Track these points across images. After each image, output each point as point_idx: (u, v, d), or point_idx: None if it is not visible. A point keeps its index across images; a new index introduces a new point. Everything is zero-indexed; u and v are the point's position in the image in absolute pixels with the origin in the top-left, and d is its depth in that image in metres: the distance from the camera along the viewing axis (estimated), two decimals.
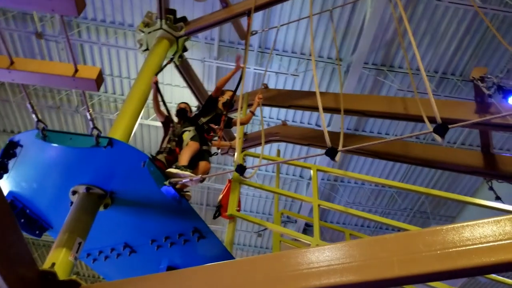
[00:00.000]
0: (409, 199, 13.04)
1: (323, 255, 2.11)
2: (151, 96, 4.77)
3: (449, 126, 2.35)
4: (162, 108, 4.83)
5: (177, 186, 3.63)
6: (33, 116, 2.95)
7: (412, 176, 12.25)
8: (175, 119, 4.89)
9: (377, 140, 3.75)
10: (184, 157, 4.06)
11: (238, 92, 5.08)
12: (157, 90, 4.73)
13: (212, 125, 4.66)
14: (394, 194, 12.89)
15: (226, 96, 4.94)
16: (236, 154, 3.44)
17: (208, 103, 4.85)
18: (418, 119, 3.41)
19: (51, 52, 10.51)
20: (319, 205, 3.73)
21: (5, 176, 3.52)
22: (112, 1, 9.61)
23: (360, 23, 9.30)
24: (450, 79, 10.09)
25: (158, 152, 4.48)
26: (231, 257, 3.92)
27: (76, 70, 2.41)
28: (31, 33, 10.01)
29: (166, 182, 3.37)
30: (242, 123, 5.13)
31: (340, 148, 2.77)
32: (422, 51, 9.66)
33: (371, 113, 4.99)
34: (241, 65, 4.70)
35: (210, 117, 4.69)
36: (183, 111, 5.00)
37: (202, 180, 3.71)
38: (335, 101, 5.33)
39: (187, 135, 4.42)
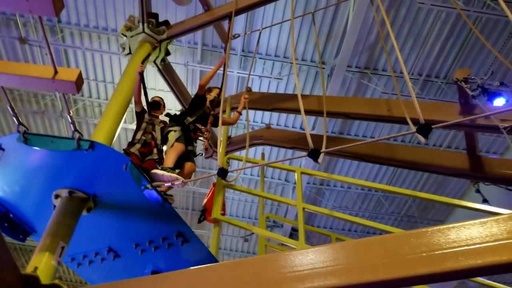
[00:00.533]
0: (396, 203, 13.16)
1: (306, 258, 2.10)
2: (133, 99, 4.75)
3: (433, 126, 2.39)
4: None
5: (161, 189, 3.60)
6: (14, 119, 2.90)
7: (398, 179, 12.38)
8: (150, 111, 4.86)
9: (360, 142, 3.78)
10: (170, 158, 4.02)
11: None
12: (141, 80, 4.68)
13: (199, 125, 4.57)
14: (381, 198, 13.00)
15: (214, 94, 4.84)
16: (218, 157, 3.43)
17: (195, 101, 4.74)
18: (402, 120, 3.45)
19: (35, 57, 10.37)
20: (304, 209, 3.74)
21: None
22: (95, 6, 9.54)
23: (343, 26, 9.41)
24: (434, 82, 10.25)
25: (131, 144, 4.42)
26: (216, 262, 3.90)
27: (56, 72, 2.38)
28: (15, 38, 9.87)
29: (149, 185, 3.34)
30: (229, 124, 5.09)
31: (323, 149, 2.79)
32: (406, 54, 9.80)
33: (355, 115, 5.03)
34: (224, 58, 4.65)
35: (197, 116, 4.59)
36: (156, 103, 4.98)
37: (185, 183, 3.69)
38: (318, 103, 5.37)
39: (172, 135, 4.34)
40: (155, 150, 4.54)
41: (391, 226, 3.72)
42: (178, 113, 4.85)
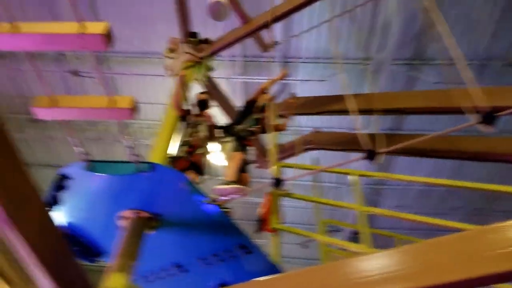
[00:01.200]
0: (462, 196, 12.43)
1: (374, 263, 2.04)
2: None
3: (497, 114, 2.25)
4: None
5: (219, 202, 3.65)
6: (77, 148, 3.08)
7: (461, 172, 11.63)
8: (195, 110, 4.92)
9: (418, 137, 3.63)
10: (230, 171, 4.03)
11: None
12: (182, 84, 4.76)
13: (252, 129, 4.59)
14: (444, 192, 12.35)
15: (263, 100, 4.84)
16: (271, 166, 3.43)
17: (244, 109, 4.76)
18: (461, 110, 3.27)
19: (88, 87, 10.98)
20: (364, 212, 3.63)
21: (57, 207, 3.68)
22: (138, 32, 9.95)
23: (385, 18, 9.12)
24: (491, 65, 9.59)
25: (177, 146, 4.54)
26: (280, 272, 3.89)
27: (112, 101, 2.51)
28: (67, 72, 10.52)
29: (208, 200, 3.40)
30: (278, 130, 5.06)
31: (380, 150, 2.70)
32: (456, 40, 9.30)
33: (409, 109, 4.84)
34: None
35: (250, 122, 4.63)
36: (204, 102, 5.04)
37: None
38: (367, 101, 5.23)
39: (227, 147, 4.41)
40: (203, 146, 4.60)
41: (458, 222, 3.51)
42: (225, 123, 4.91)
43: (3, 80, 11.01)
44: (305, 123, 11.15)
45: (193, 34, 5.80)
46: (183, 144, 4.55)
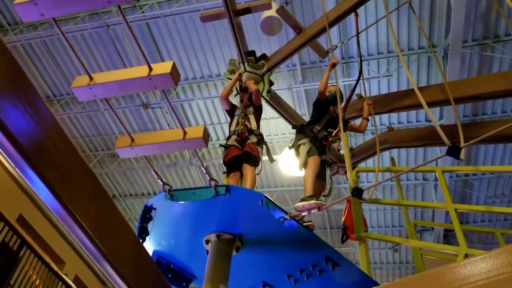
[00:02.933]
0: None
1: (477, 268, 1.88)
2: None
3: None
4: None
5: (298, 217, 3.61)
6: (159, 181, 3.24)
7: None
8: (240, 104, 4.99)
9: (502, 122, 3.34)
10: (308, 185, 3.87)
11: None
12: (237, 80, 4.86)
13: (330, 130, 4.33)
14: None
15: (332, 89, 4.63)
16: (347, 174, 3.30)
17: (317, 108, 4.54)
18: None
19: (158, 117, 11.63)
20: (456, 210, 3.39)
21: (147, 238, 3.89)
22: (197, 58, 10.38)
23: (445, 1, 8.62)
24: None
25: (228, 138, 4.55)
26: (372, 281, 3.74)
27: (185, 133, 2.63)
28: (139, 106, 11.24)
29: (287, 216, 3.39)
30: (358, 131, 4.84)
31: (462, 144, 2.51)
32: None
33: (486, 95, 4.48)
34: (335, 59, 4.48)
35: (325, 122, 4.37)
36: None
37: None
38: (441, 92, 4.93)
39: (302, 149, 4.19)
40: (251, 135, 4.54)
41: None
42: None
43: (84, 121, 12.03)
44: (377, 123, 10.77)
45: (251, 53, 5.89)
46: (232, 133, 4.56)
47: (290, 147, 4.54)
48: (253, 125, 4.67)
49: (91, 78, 2.33)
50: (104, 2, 2.03)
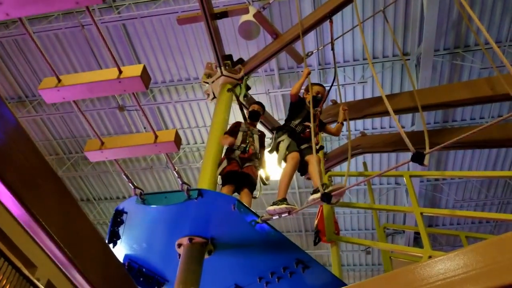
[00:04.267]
0: None
1: (436, 269, 1.96)
2: None
3: None
4: None
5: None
6: (130, 184, 3.23)
7: None
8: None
9: (469, 129, 3.47)
10: (282, 187, 3.89)
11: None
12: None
13: (307, 123, 4.28)
14: (508, 181, 11.61)
15: (314, 90, 4.59)
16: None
17: (293, 107, 4.51)
18: (508, 97, 3.10)
19: (135, 120, 11.51)
20: (422, 213, 3.50)
21: (118, 242, 3.85)
22: (175, 61, 10.34)
23: (419, 11, 8.88)
24: None
25: (230, 150, 4.52)
26: (341, 283, 3.81)
27: (156, 137, 2.63)
28: (114, 108, 11.10)
29: (259, 220, 3.42)
30: (332, 134, 4.83)
31: (426, 150, 2.61)
32: (497, 22, 8.89)
33: (454, 103, 4.63)
34: (308, 69, 4.48)
35: (302, 117, 4.33)
36: (256, 114, 5.07)
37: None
38: (411, 99, 5.07)
39: (282, 146, 4.17)
40: (254, 158, 4.58)
41: None
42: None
43: (58, 123, 11.80)
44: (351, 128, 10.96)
45: (227, 57, 5.92)
46: (237, 148, 4.54)
47: (269, 151, 4.54)
48: (257, 146, 4.70)
49: (59, 80, 2.31)
50: (72, 3, 2.01)
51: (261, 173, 4.68)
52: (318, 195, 3.21)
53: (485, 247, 1.93)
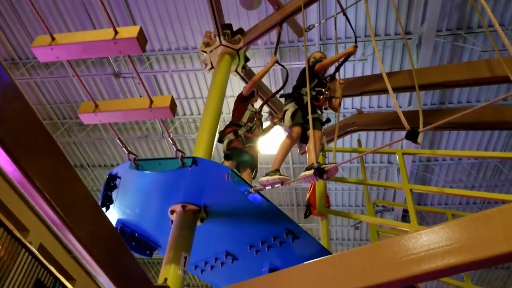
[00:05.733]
0: None
1: (420, 241, 2.03)
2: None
3: None
4: None
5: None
6: (124, 149, 3.24)
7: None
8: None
9: (464, 111, 3.49)
10: (277, 158, 3.89)
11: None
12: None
13: (319, 88, 4.12)
14: (498, 164, 11.75)
15: (311, 59, 4.51)
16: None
17: (303, 74, 4.24)
18: (506, 79, 3.10)
19: (130, 87, 11.40)
20: (411, 190, 3.57)
21: (111, 206, 3.90)
22: (173, 29, 10.16)
23: None
24: None
25: (238, 125, 4.51)
26: (328, 254, 3.90)
27: (151, 102, 2.62)
28: (110, 75, 10.97)
29: (252, 190, 3.47)
30: (333, 110, 4.68)
31: (421, 128, 2.63)
32: (503, 3, 8.76)
33: (452, 83, 4.63)
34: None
35: (314, 84, 4.11)
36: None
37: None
38: (410, 78, 5.06)
39: (287, 115, 4.05)
40: (256, 139, 4.63)
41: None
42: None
43: (52, 87, 11.68)
44: (347, 105, 10.98)
45: (227, 26, 5.82)
46: (243, 125, 4.53)
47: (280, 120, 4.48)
48: (261, 129, 4.77)
49: (53, 38, 2.27)
50: None
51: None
52: (309, 172, 3.26)
53: (470, 221, 1.98)
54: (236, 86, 10.43)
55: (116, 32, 2.25)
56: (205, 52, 5.88)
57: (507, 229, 1.82)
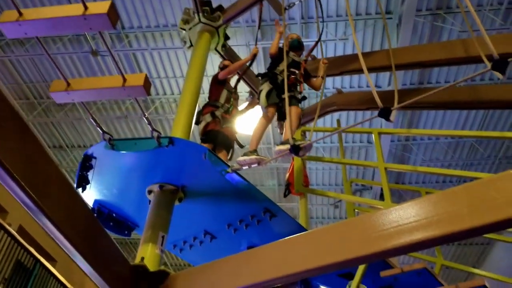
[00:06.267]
0: (492, 146, 12.10)
1: (390, 217, 2.08)
2: None
3: (509, 59, 2.17)
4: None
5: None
6: (98, 129, 3.19)
7: (491, 121, 11.30)
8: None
9: (441, 90, 3.54)
10: (254, 138, 3.92)
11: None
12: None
13: (292, 69, 4.15)
14: (474, 143, 12.03)
15: (291, 37, 4.51)
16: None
17: (277, 57, 4.30)
18: (479, 59, 3.16)
19: (109, 66, 11.15)
20: (386, 168, 3.64)
21: (88, 187, 3.87)
22: (152, 5, 9.91)
23: None
24: None
25: (215, 105, 4.50)
26: (305, 231, 3.98)
27: (125, 80, 2.57)
28: (87, 53, 10.69)
29: (229, 170, 3.48)
30: (314, 88, 4.75)
31: (394, 106, 2.67)
32: None
33: (429, 62, 4.68)
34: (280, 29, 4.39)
35: (288, 63, 4.06)
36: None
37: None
38: (387, 58, 5.08)
39: (262, 94, 4.07)
40: (233, 120, 4.65)
41: (488, 173, 3.46)
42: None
43: (28, 66, 11.34)
44: (329, 85, 10.99)
45: (206, 3, 5.71)
46: (221, 106, 4.52)
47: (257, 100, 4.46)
48: (238, 109, 4.76)
49: (20, 14, 2.19)
50: None
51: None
52: (284, 146, 3.29)
53: (437, 198, 2.04)
54: (217, 64, 10.30)
55: (86, 8, 2.18)
56: (184, 29, 5.77)
57: (472, 205, 1.89)
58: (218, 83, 4.84)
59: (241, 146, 4.77)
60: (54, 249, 13.10)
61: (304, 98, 4.35)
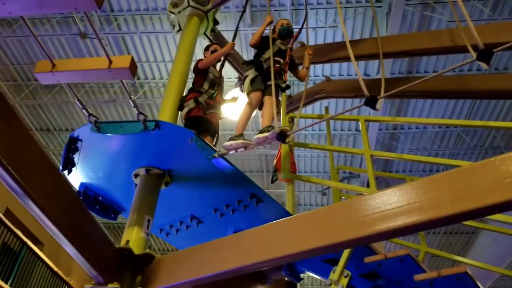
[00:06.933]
0: (478, 136, 12.27)
1: (372, 203, 2.11)
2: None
3: (494, 50, 2.19)
4: None
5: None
6: (84, 111, 3.16)
7: (478, 111, 11.42)
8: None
9: (429, 80, 3.58)
10: (240, 123, 3.93)
11: None
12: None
13: (277, 58, 4.17)
14: (461, 133, 12.19)
15: (278, 25, 4.49)
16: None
17: (261, 45, 4.32)
18: (466, 49, 3.19)
19: (98, 49, 10.98)
20: (371, 156, 3.68)
21: (73, 169, 3.85)
22: None
23: None
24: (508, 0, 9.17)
25: (199, 91, 4.46)
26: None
27: (110, 62, 2.54)
28: (76, 35, 10.51)
29: (216, 154, 3.49)
30: (299, 79, 4.76)
31: (381, 95, 2.69)
32: None
33: (416, 51, 4.71)
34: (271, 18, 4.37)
35: (274, 52, 4.06)
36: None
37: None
38: (375, 46, 5.10)
39: (247, 81, 4.10)
40: (218, 106, 4.61)
41: (474, 162, 3.51)
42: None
43: (15, 47, 11.11)
44: (318, 72, 11.00)
45: None
46: (204, 92, 4.48)
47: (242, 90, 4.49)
48: (223, 95, 4.70)
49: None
50: None
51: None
52: (262, 134, 3.35)
53: (420, 184, 2.08)
54: (198, 50, 10.21)
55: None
56: (173, 13, 5.71)
57: (453, 192, 1.92)
58: (199, 72, 4.78)
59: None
60: (42, 232, 13.06)
61: (288, 87, 4.37)
